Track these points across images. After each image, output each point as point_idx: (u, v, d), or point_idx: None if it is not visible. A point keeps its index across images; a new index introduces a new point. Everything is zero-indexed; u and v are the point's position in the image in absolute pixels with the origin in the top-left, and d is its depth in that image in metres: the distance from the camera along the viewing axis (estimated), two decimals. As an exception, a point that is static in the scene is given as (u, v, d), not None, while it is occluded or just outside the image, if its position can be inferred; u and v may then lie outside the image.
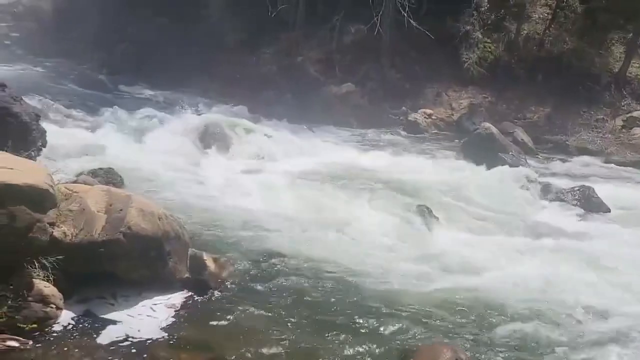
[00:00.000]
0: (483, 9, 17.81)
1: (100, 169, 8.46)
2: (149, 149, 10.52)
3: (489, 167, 11.31)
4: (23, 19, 21.38)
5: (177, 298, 5.60)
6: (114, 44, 18.65)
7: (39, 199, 4.69)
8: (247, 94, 15.75)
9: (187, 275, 5.86)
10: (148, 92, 16.57)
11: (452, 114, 16.65)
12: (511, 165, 11.32)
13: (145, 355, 4.66)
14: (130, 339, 4.85)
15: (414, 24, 16.08)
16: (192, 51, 17.36)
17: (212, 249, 6.53)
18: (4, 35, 20.14)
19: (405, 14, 16.11)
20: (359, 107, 16.30)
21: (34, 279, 4.70)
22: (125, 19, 19.24)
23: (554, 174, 12.23)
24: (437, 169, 11.45)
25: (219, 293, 5.85)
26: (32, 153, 7.72)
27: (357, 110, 16.15)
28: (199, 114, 13.60)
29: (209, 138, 11.32)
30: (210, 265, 6.03)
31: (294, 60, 17.52)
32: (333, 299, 6.04)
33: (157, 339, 4.91)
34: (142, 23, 18.78)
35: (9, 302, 4.38)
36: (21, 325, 4.45)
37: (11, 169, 4.72)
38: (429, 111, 16.48)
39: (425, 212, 8.59)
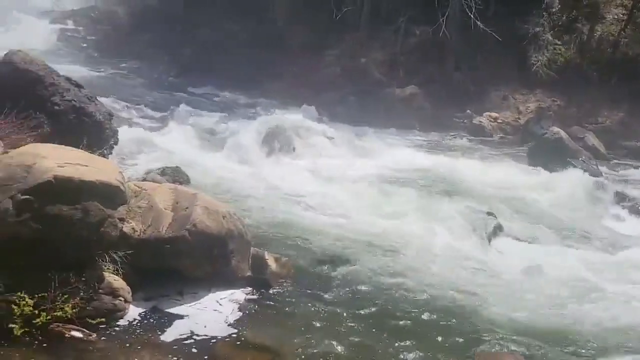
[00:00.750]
0: (554, 9, 17.25)
1: (168, 167, 8.72)
2: (216, 149, 10.76)
3: (558, 173, 10.92)
4: (99, 23, 22.35)
5: (240, 296, 5.68)
6: (183, 47, 19.17)
7: (111, 195, 4.88)
8: (310, 96, 15.83)
9: (249, 273, 5.95)
10: (215, 94, 16.93)
11: (519, 118, 16.20)
12: (582, 171, 10.89)
13: (209, 354, 4.71)
14: (195, 336, 4.91)
15: (481, 25, 15.76)
16: (257, 53, 17.65)
17: (274, 248, 6.60)
18: (82, 38, 21.08)
19: (472, 15, 15.80)
20: (422, 109, 16.11)
21: (104, 272, 4.89)
22: (194, 22, 19.77)
23: (628, 181, 11.65)
24: (504, 174, 11.15)
25: (280, 292, 5.90)
26: (105, 151, 8.04)
27: (420, 113, 15.96)
28: (264, 115, 13.79)
29: (273, 139, 11.44)
30: (272, 264, 6.10)
31: (358, 62, 17.51)
32: (394, 304, 6.00)
33: (220, 337, 4.97)
34: (210, 26, 19.24)
35: (81, 293, 4.57)
36: (90, 321, 4.59)
37: (86, 166, 4.93)
38: (494, 114, 16.11)
39: (491, 219, 8.38)
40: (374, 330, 5.43)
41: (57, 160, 4.82)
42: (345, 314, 5.62)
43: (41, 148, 5.09)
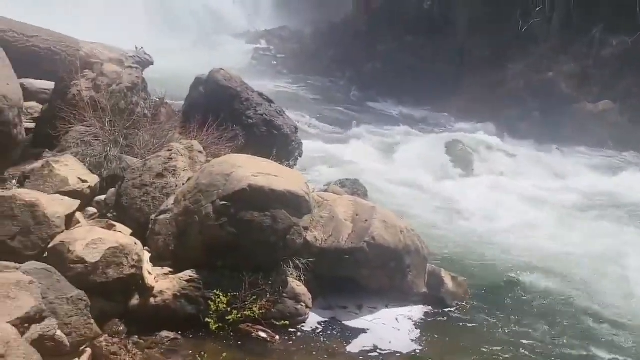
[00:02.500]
0: None
1: (347, 179, 8.96)
2: (393, 164, 10.88)
3: None
4: (288, 42, 23.92)
5: (417, 313, 5.62)
6: (364, 62, 19.69)
7: (297, 204, 5.14)
8: (491, 111, 15.33)
9: (424, 290, 5.88)
10: (395, 109, 17.13)
11: None
12: None
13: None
14: (379, 350, 4.92)
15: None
16: (437, 68, 17.52)
17: (450, 267, 6.44)
18: (272, 56, 22.66)
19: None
20: (617, 126, 14.73)
21: (288, 278, 5.15)
22: (375, 38, 20.22)
23: None
24: None
25: (457, 312, 5.75)
26: (291, 162, 8.53)
27: (615, 130, 14.60)
28: (442, 130, 13.64)
29: (452, 155, 11.28)
30: (448, 282, 5.97)
31: (544, 76, 16.52)
32: (578, 333, 5.57)
33: (405, 353, 4.93)
34: (391, 41, 19.53)
35: (268, 295, 4.86)
36: (275, 323, 4.85)
37: (276, 176, 5.26)
38: None
39: None
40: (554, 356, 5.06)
41: (251, 170, 5.20)
42: (525, 341, 5.30)
43: (238, 158, 5.54)
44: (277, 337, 4.81)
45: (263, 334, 4.77)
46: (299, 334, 4.99)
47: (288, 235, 5.05)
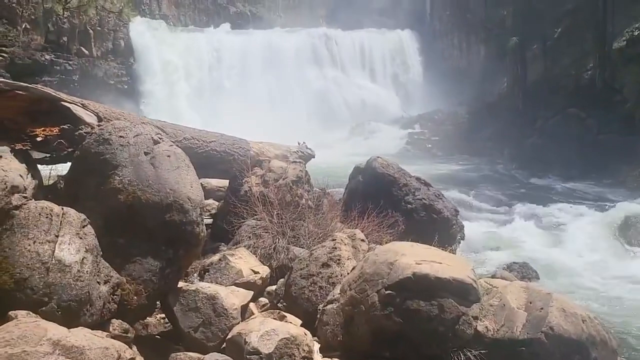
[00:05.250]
0: None
1: (515, 262, 8.53)
2: (564, 244, 10.15)
3: None
4: (442, 124, 24.09)
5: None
6: (523, 139, 19.08)
7: (464, 293, 4.95)
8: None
9: (616, 388, 5.24)
10: (560, 184, 16.20)
11: None
12: None
13: None
14: None
15: None
16: (605, 139, 16.42)
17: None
18: (426, 140, 22.87)
19: None
20: None
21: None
22: (533, 113, 19.61)
23: None
24: None
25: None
26: (453, 246, 8.32)
27: None
28: (614, 205, 12.55)
29: (631, 231, 10.25)
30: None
31: None
32: None
33: None
34: (551, 116, 18.80)
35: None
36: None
37: (440, 263, 5.14)
38: None
39: None
40: None
41: (414, 257, 5.15)
42: None
43: (401, 246, 5.52)
44: None
45: None
46: None
47: (457, 325, 4.84)
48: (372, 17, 34.41)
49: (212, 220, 7.64)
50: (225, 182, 8.08)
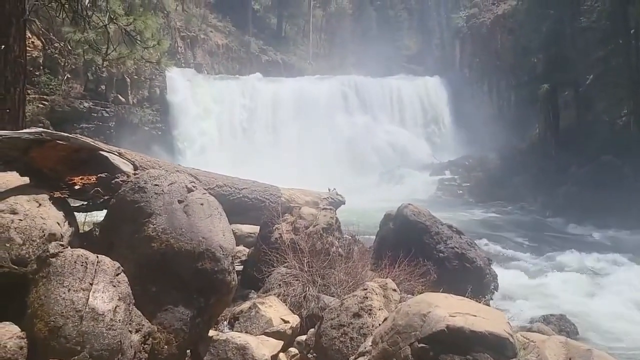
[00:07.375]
0: None
1: (552, 315, 8.27)
2: (603, 296, 9.80)
3: None
4: (472, 170, 23.92)
5: None
6: (556, 186, 18.78)
7: (501, 347, 4.78)
8: None
9: None
10: (597, 234, 15.78)
11: None
12: None
13: None
14: None
15: None
16: (642, 187, 16.08)
17: None
18: (457, 186, 22.70)
19: None
20: None
21: None
22: (566, 160, 19.37)
23: None
24: None
25: None
26: (487, 297, 8.12)
27: None
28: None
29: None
30: None
31: None
32: None
33: None
34: (585, 162, 18.53)
35: None
36: None
37: (474, 315, 5.00)
38: None
39: None
40: None
41: (448, 309, 5.02)
42: None
43: (433, 297, 5.40)
44: None
45: None
46: None
47: (497, 382, 4.68)
48: (401, 64, 34.89)
49: (242, 267, 7.62)
50: (256, 229, 8.08)
